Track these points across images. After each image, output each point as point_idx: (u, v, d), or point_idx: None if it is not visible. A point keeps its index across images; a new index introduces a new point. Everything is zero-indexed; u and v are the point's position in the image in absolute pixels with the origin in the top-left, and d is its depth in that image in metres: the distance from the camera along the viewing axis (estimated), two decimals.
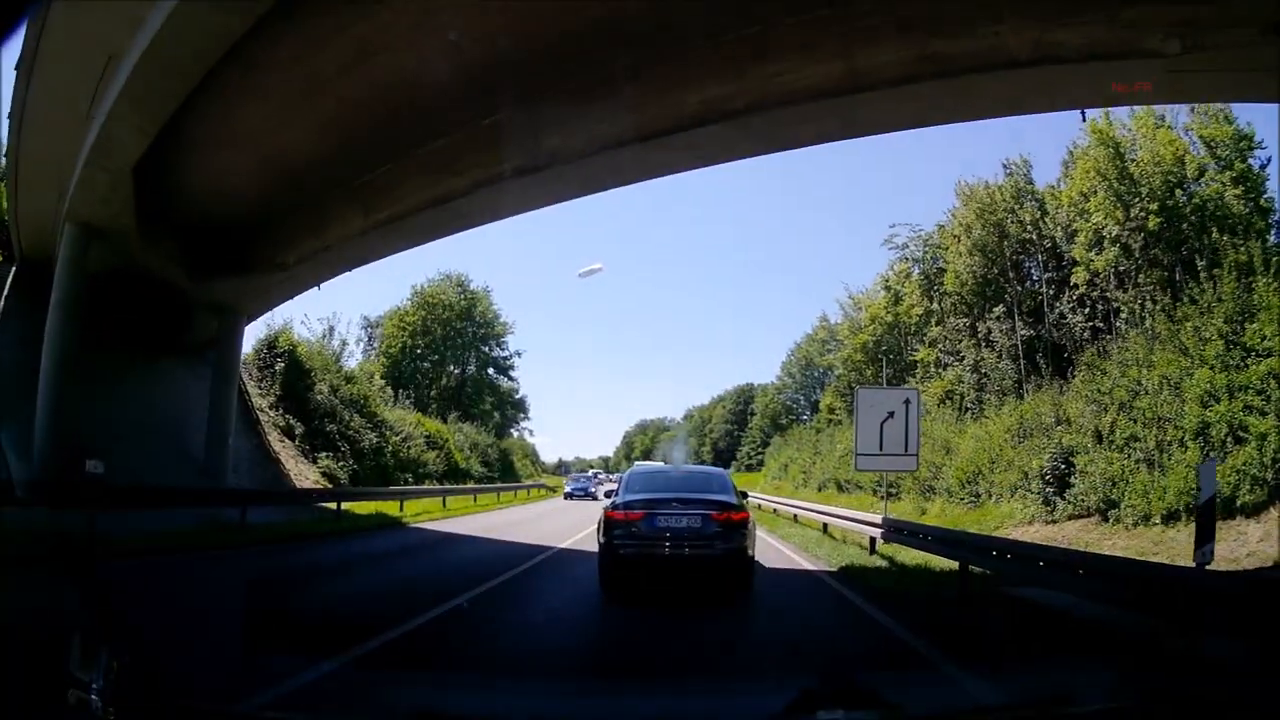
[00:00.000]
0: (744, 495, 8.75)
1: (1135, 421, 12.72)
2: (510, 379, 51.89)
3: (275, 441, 19.59)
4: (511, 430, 57.31)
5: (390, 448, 25.24)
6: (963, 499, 16.63)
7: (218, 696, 3.17)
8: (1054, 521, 12.87)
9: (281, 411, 20.98)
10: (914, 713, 2.94)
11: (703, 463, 53.82)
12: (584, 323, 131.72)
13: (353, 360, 31.44)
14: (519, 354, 52.00)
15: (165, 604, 6.58)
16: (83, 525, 8.43)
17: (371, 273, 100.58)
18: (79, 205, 11.81)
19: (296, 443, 20.56)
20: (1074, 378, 16.97)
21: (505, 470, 43.55)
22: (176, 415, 15.73)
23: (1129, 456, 12.34)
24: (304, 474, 19.22)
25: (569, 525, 17.05)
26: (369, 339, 45.26)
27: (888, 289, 29.93)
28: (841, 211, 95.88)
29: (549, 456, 78.30)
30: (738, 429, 71.42)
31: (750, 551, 7.69)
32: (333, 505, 16.02)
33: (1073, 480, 13.02)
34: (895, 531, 10.41)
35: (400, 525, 15.88)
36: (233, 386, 15.54)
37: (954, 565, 8.32)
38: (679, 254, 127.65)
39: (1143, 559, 8.13)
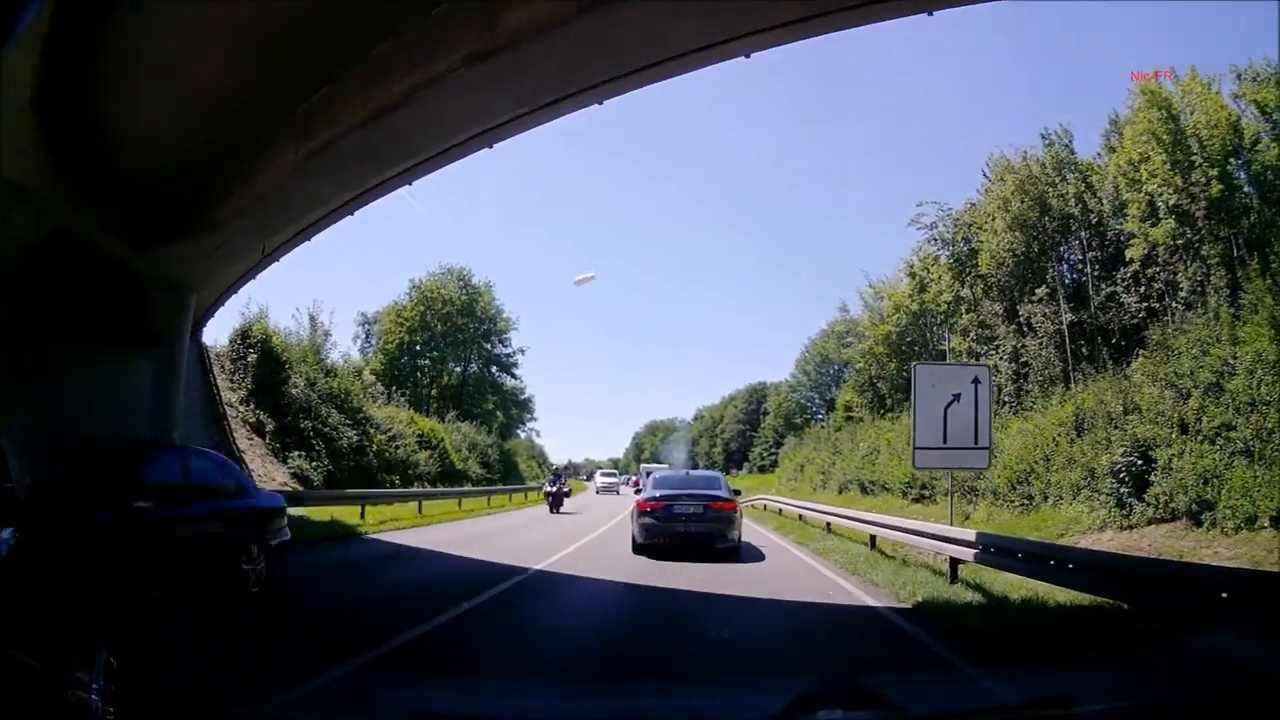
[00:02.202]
0: (736, 493, 13.09)
1: (1227, 407, 10.75)
2: (514, 377, 50.34)
3: (243, 439, 17.84)
4: (518, 431, 55.72)
5: (375, 447, 23.46)
6: (1012, 502, 14.58)
7: None
8: (1131, 527, 10.88)
9: (252, 407, 19.19)
10: (916, 713, 2.73)
11: (713, 464, 65.91)
12: (591, 325, 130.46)
13: (336, 353, 29.35)
14: (523, 351, 50.30)
15: None
16: None
17: (372, 271, 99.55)
18: None
19: (266, 440, 18.81)
20: (1134, 361, 14.99)
21: (508, 472, 41.62)
22: (121, 408, 14.02)
23: (1222, 448, 10.41)
24: (271, 474, 17.39)
25: (557, 534, 14.76)
26: (366, 336, 43.83)
27: (912, 275, 27.82)
28: (857, 202, 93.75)
29: (558, 458, 76.55)
30: (750, 429, 69.77)
31: (738, 531, 11.34)
32: (299, 510, 14.01)
33: (1152, 478, 11.04)
34: (995, 553, 7.23)
35: (355, 536, 13.54)
36: (178, 375, 13.76)
37: (1073, 595, 6.30)
38: (684, 253, 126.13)
39: None
